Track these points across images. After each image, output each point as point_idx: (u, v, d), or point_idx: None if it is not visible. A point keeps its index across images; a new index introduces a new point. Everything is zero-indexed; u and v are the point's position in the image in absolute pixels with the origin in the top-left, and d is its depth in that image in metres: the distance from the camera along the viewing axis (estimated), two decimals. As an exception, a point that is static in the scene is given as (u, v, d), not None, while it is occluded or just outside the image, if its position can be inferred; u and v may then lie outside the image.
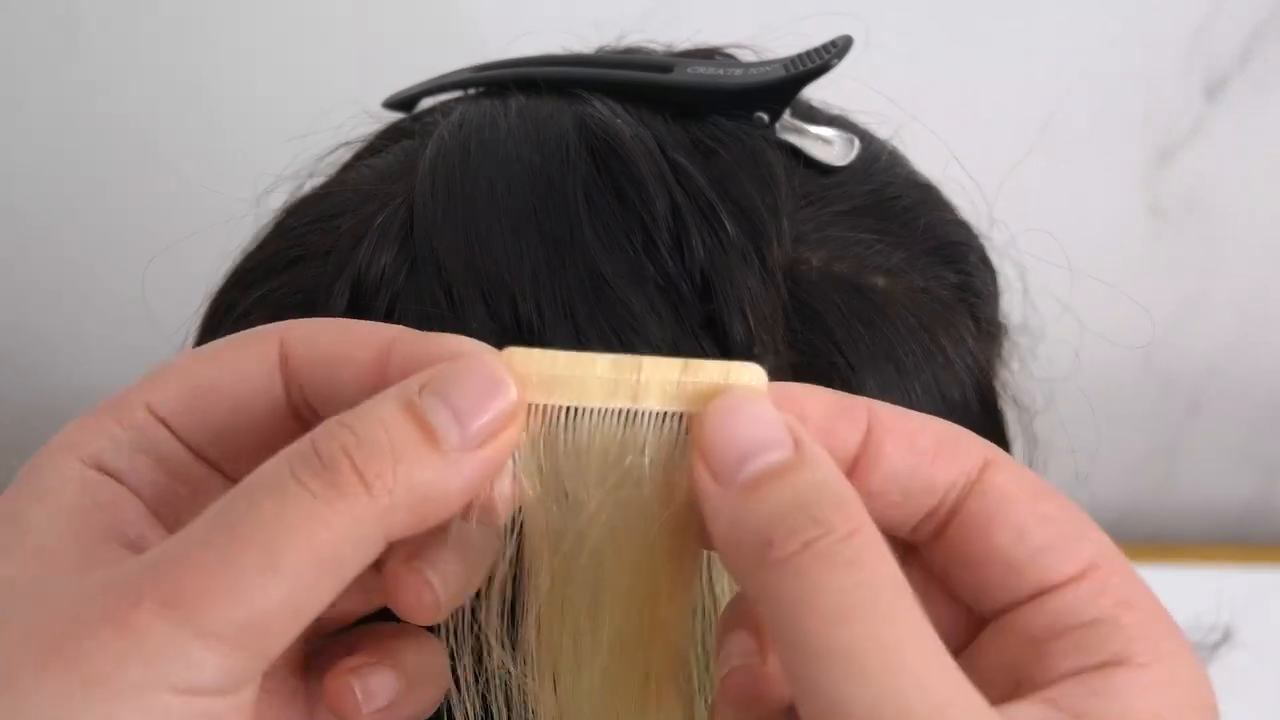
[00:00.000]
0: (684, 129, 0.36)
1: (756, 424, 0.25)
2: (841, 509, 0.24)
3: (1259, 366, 0.90)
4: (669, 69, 0.37)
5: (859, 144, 0.38)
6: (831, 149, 0.37)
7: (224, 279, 0.38)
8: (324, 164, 0.41)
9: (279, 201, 0.40)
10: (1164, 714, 0.24)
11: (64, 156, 0.83)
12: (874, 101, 0.41)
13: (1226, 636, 0.71)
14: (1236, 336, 0.89)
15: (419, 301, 0.32)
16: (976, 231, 0.40)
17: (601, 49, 0.44)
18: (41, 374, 0.88)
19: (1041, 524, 0.26)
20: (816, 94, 0.39)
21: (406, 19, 0.78)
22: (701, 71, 0.37)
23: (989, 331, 0.39)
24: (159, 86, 0.81)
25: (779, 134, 0.37)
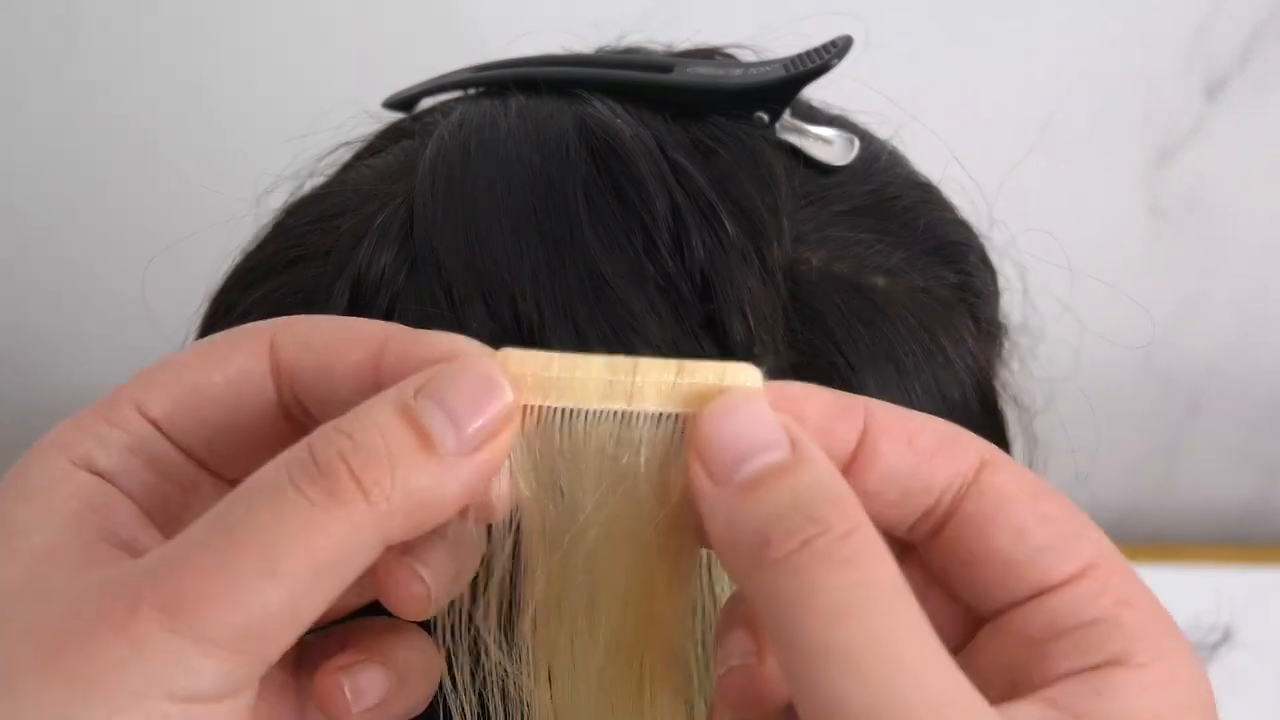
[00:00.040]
0: (684, 129, 0.36)
1: (753, 424, 0.25)
2: (839, 508, 0.24)
3: (1259, 366, 0.90)
4: (669, 69, 0.37)
5: (859, 144, 0.38)
6: (831, 149, 0.37)
7: (224, 279, 0.38)
8: (324, 164, 0.41)
9: (279, 201, 0.40)
10: (1164, 714, 0.24)
11: (64, 156, 0.83)
12: (874, 101, 0.41)
13: (1226, 636, 0.71)
14: (1236, 336, 0.89)
15: (419, 301, 0.32)
16: (976, 231, 0.40)
17: (601, 49, 0.44)
18: (41, 374, 0.88)
19: (1040, 523, 0.26)
20: (816, 94, 0.39)
21: (406, 19, 0.78)
22: (701, 71, 0.37)
23: (989, 331, 0.39)
24: (159, 86, 0.81)
25: (779, 134, 0.37)
